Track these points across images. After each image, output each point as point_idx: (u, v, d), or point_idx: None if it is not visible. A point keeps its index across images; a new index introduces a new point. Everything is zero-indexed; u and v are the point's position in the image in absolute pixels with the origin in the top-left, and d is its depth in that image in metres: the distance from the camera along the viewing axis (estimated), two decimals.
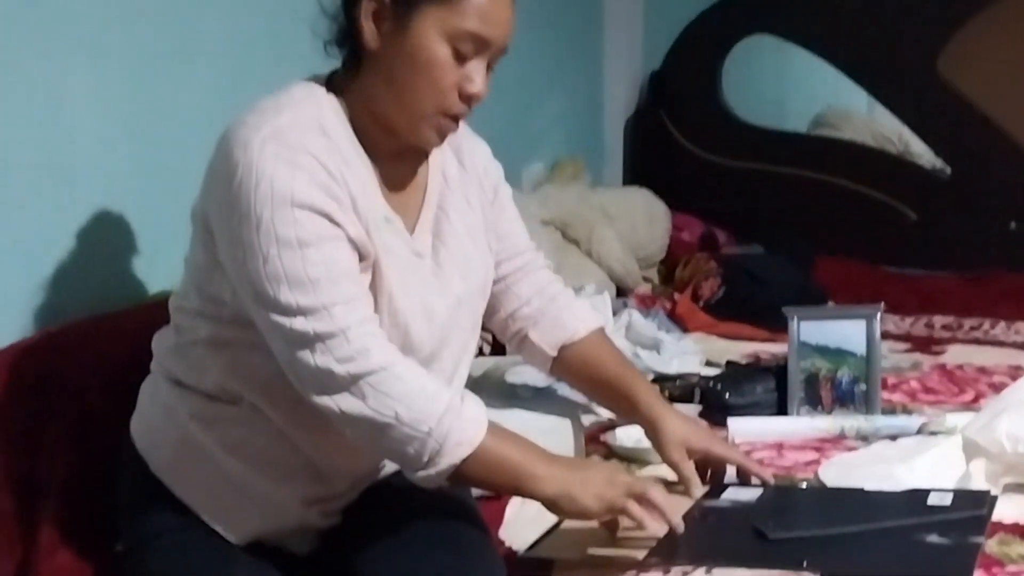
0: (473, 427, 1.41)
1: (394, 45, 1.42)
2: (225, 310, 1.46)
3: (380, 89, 1.45)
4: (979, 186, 3.57)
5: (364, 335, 1.38)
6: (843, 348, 2.13)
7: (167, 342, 1.56)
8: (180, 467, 1.52)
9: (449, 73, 1.42)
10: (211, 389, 1.50)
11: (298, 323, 1.36)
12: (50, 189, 1.93)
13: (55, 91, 1.93)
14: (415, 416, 1.38)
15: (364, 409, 1.38)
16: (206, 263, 1.46)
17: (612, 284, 3.16)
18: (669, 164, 3.92)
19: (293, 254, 1.35)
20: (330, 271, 1.38)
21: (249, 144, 1.37)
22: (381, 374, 1.38)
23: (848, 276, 3.30)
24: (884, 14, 3.62)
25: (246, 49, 2.37)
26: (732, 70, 3.92)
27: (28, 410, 1.68)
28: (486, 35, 1.42)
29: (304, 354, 1.37)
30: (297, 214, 1.36)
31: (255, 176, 1.35)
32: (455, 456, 1.39)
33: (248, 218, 1.35)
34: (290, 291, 1.36)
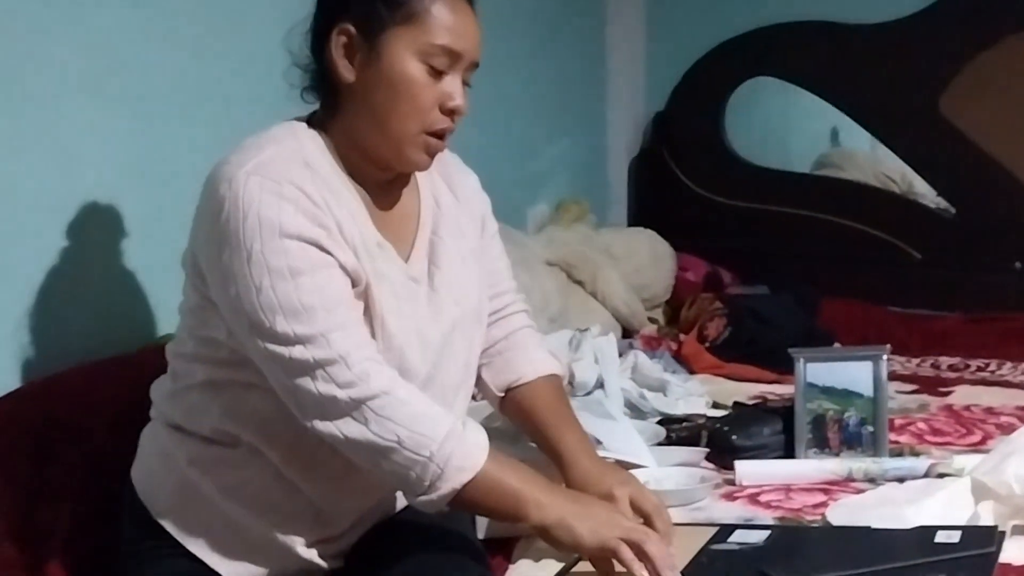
0: (475, 452, 1.41)
1: (369, 73, 1.45)
2: (220, 351, 1.47)
3: (362, 120, 1.47)
4: (983, 226, 3.57)
5: (363, 360, 1.39)
6: (850, 389, 2.12)
7: (164, 388, 1.57)
8: (180, 512, 1.51)
9: (427, 90, 1.45)
10: (209, 433, 1.50)
11: (297, 352, 1.37)
12: (52, 234, 1.94)
13: (57, 136, 1.95)
14: (417, 440, 1.38)
15: (367, 433, 1.38)
16: (199, 305, 1.47)
17: (617, 325, 3.15)
18: (673, 205, 3.92)
19: (286, 284, 1.37)
20: (324, 298, 1.39)
21: (234, 179, 1.39)
22: (384, 398, 1.39)
23: (853, 317, 3.29)
24: (886, 55, 3.63)
25: (249, 93, 2.38)
26: (735, 111, 3.93)
27: (29, 456, 1.67)
28: (457, 47, 1.46)
29: (304, 382, 1.38)
30: (287, 244, 1.37)
31: (242, 210, 1.37)
32: (456, 481, 1.39)
33: (239, 251, 1.37)
34: (286, 321, 1.37)
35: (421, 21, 1.44)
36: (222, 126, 2.31)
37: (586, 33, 3.79)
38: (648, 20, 3.99)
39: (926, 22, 3.57)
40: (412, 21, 1.44)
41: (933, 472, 1.99)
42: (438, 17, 1.45)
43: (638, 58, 4.00)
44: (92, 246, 2.00)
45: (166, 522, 1.51)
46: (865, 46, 3.66)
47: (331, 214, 1.43)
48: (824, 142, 4.36)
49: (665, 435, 2.25)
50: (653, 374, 2.59)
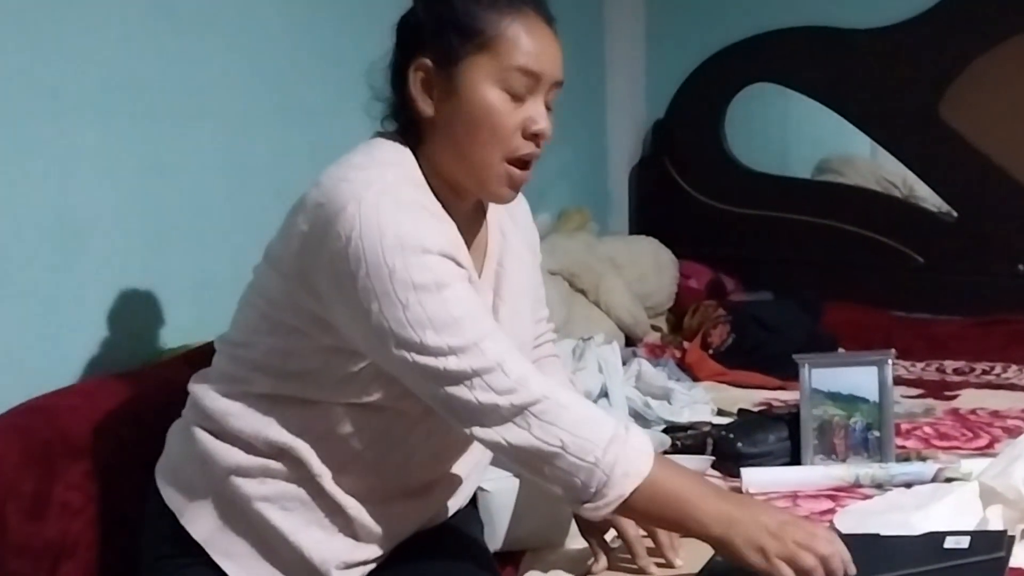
0: (640, 458, 1.39)
1: (449, 106, 1.44)
2: (290, 363, 1.45)
3: (445, 152, 1.46)
4: (985, 229, 3.57)
5: (519, 365, 1.38)
6: (855, 395, 2.11)
7: (210, 393, 1.52)
8: (212, 521, 1.49)
9: (508, 116, 1.44)
10: (257, 443, 1.47)
11: (451, 363, 1.35)
12: (59, 251, 1.94)
13: (63, 153, 1.94)
14: (581, 445, 1.36)
15: (530, 439, 1.36)
16: (280, 318, 1.45)
17: (621, 333, 3.15)
18: (675, 212, 3.92)
19: (433, 297, 1.35)
20: (470, 308, 1.38)
21: (364, 200, 1.36)
22: (545, 402, 1.37)
23: (857, 322, 3.29)
24: (885, 60, 3.64)
25: (252, 110, 2.39)
26: (735, 118, 3.94)
27: (36, 471, 1.67)
28: (535, 68, 1.44)
29: (461, 391, 1.36)
30: (428, 259, 1.36)
31: (378, 228, 1.34)
32: (623, 488, 1.37)
33: (379, 269, 1.34)
34: (437, 334, 1.35)
35: (496, 46, 1.42)
36: (226, 142, 2.31)
37: (585, 41, 3.79)
38: (647, 28, 4.00)
39: (925, 26, 3.58)
40: (487, 47, 1.42)
41: (940, 477, 1.98)
42: (513, 40, 1.43)
43: (638, 66, 4.00)
44: (96, 263, 2.00)
45: (195, 529, 1.49)
46: (864, 51, 3.67)
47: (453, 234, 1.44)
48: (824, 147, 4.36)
49: (670, 443, 2.24)
50: (657, 382, 2.58)
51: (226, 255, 2.26)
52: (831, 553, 1.37)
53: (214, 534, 1.48)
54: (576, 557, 1.71)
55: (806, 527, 1.40)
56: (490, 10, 1.43)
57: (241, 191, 2.34)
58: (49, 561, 1.64)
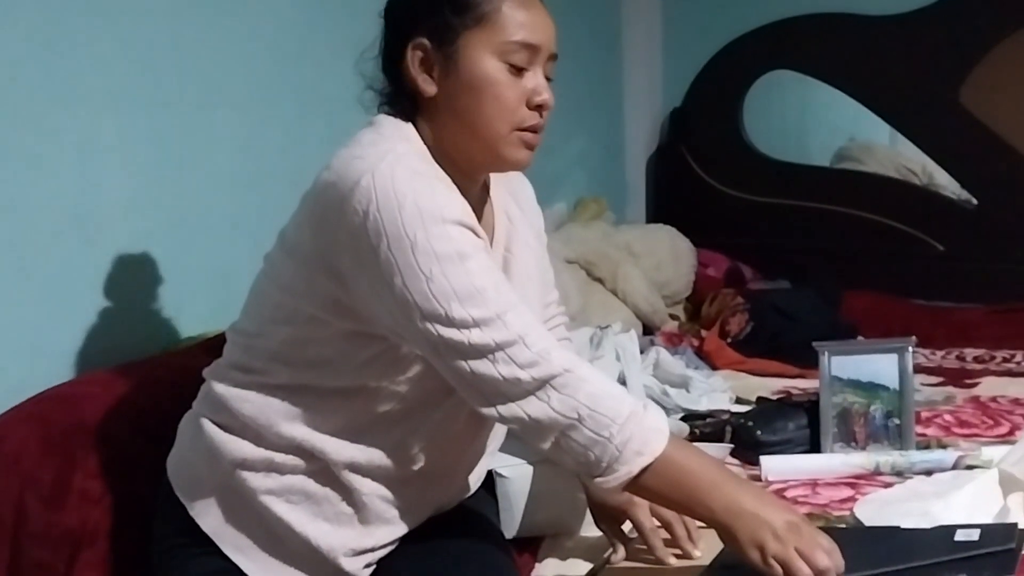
0: (654, 437, 1.38)
1: (450, 83, 1.44)
2: (308, 350, 1.45)
3: (451, 130, 1.46)
4: (1006, 216, 3.54)
5: (541, 338, 1.38)
6: (875, 382, 2.10)
7: (220, 384, 1.52)
8: (220, 513, 1.49)
9: (510, 88, 1.44)
10: (268, 435, 1.47)
11: (475, 336, 1.34)
12: (77, 239, 1.94)
13: (81, 142, 1.95)
14: (598, 420, 1.36)
15: (549, 411, 1.36)
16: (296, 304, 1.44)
17: (638, 322, 3.14)
18: (692, 200, 3.91)
19: (456, 268, 1.34)
20: (494, 279, 1.38)
21: (377, 171, 1.35)
22: (566, 376, 1.36)
23: (877, 309, 3.27)
24: (905, 46, 3.61)
25: (269, 97, 2.39)
26: (753, 105, 3.92)
27: (57, 459, 1.68)
28: (534, 41, 1.44)
29: (484, 365, 1.35)
30: (449, 229, 1.35)
31: (396, 199, 1.33)
32: (634, 465, 1.37)
33: (400, 241, 1.33)
34: (461, 306, 1.34)
35: (493, 21, 1.43)
36: (244, 131, 2.31)
37: (602, 30, 3.78)
38: (664, 16, 3.98)
39: (945, 12, 3.55)
40: (484, 22, 1.43)
41: (961, 464, 1.97)
42: (509, 14, 1.43)
43: (655, 54, 3.98)
44: (115, 252, 2.01)
45: (204, 522, 1.50)
46: (884, 37, 3.64)
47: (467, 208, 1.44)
48: (843, 135, 4.34)
49: (689, 431, 2.24)
50: (675, 370, 2.58)
51: (244, 243, 2.26)
52: (827, 568, 1.34)
53: (222, 527, 1.49)
54: (593, 546, 1.71)
55: (811, 535, 1.37)
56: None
57: (259, 179, 2.35)
58: (68, 549, 1.64)
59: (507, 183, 1.61)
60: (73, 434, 1.69)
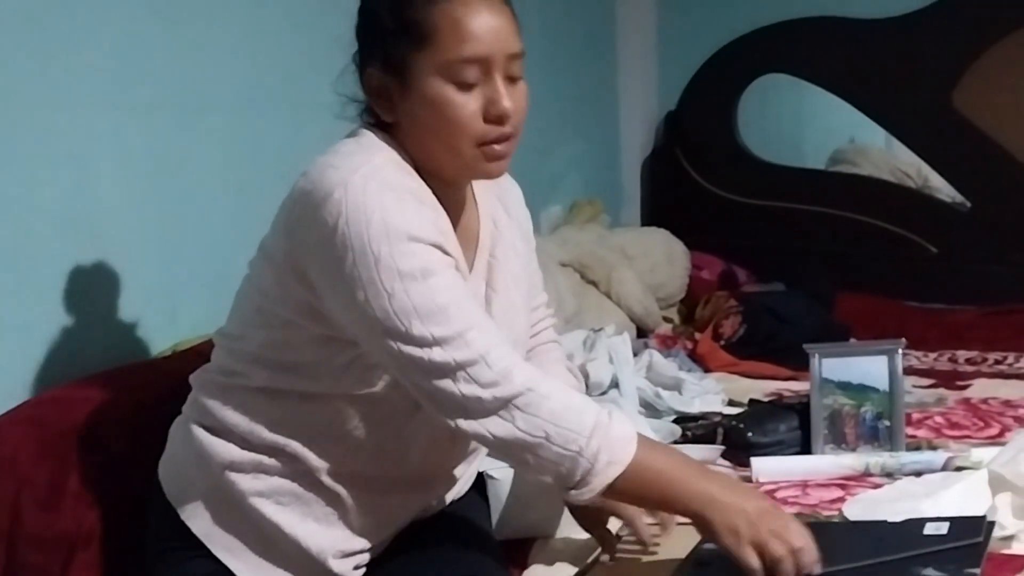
0: (622, 445, 1.39)
1: (406, 106, 1.43)
2: (286, 354, 1.45)
3: (419, 146, 1.45)
4: (999, 219, 3.56)
5: (502, 357, 1.37)
6: (866, 384, 2.11)
7: (208, 388, 1.53)
8: (210, 516, 1.50)
9: (463, 106, 1.40)
10: (252, 438, 1.48)
11: (436, 354, 1.34)
12: (71, 242, 1.95)
13: (76, 146, 1.96)
14: (565, 435, 1.36)
15: (514, 431, 1.36)
16: (274, 308, 1.44)
17: (632, 325, 3.15)
18: (687, 203, 3.92)
19: (419, 285, 1.34)
20: (456, 297, 1.38)
21: (349, 184, 1.35)
22: (528, 395, 1.37)
23: (870, 312, 3.28)
24: (898, 49, 3.62)
25: (264, 102, 2.40)
26: (748, 109, 3.93)
27: (52, 462, 1.69)
28: (479, 54, 1.40)
29: (446, 384, 1.35)
30: (414, 247, 1.35)
31: (364, 214, 1.33)
32: (607, 475, 1.38)
33: (365, 256, 1.33)
34: (422, 323, 1.34)
35: (434, 39, 1.39)
36: (238, 135, 2.33)
37: (597, 33, 3.79)
38: (659, 19, 3.99)
39: (938, 15, 3.56)
40: (425, 43, 1.39)
41: (951, 465, 1.98)
42: (450, 29, 1.38)
43: (649, 57, 4.00)
44: (110, 256, 2.02)
45: (194, 524, 1.50)
46: (877, 41, 3.65)
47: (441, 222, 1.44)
48: (838, 138, 4.35)
49: (681, 433, 2.25)
50: (668, 373, 2.59)
51: (238, 247, 2.26)
52: (802, 546, 1.37)
53: (213, 529, 1.50)
54: (580, 548, 1.72)
55: (783, 517, 1.40)
56: (420, 2, 1.40)
57: (254, 183, 2.35)
58: (63, 552, 1.65)
59: (495, 187, 1.60)
60: (68, 437, 1.70)
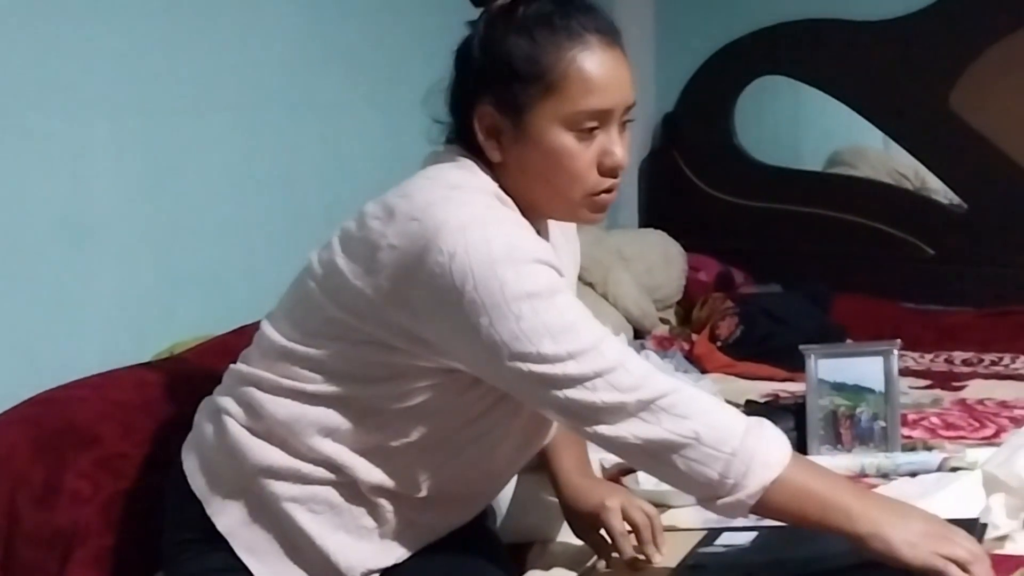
0: (777, 449, 1.35)
1: (518, 150, 1.42)
2: (357, 368, 1.43)
3: (522, 187, 1.44)
4: (996, 220, 3.56)
5: (640, 364, 1.37)
6: (861, 385, 2.11)
7: (251, 383, 1.50)
8: (237, 514, 1.48)
9: (580, 157, 1.41)
10: (296, 442, 1.45)
11: (571, 368, 1.33)
12: (69, 243, 1.96)
13: (73, 147, 1.97)
14: (717, 435, 1.33)
15: (660, 432, 1.33)
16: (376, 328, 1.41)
17: (629, 326, 3.16)
18: (684, 205, 3.92)
19: (547, 305, 1.33)
20: (582, 313, 1.37)
21: (464, 214, 1.34)
22: (673, 396, 1.34)
23: (866, 313, 3.28)
24: (895, 51, 3.63)
25: (262, 104, 2.41)
26: (745, 110, 3.93)
27: (48, 460, 1.70)
28: (602, 107, 1.40)
29: (583, 393, 1.33)
30: (538, 268, 1.35)
31: (485, 241, 1.32)
32: (764, 478, 1.33)
33: (489, 283, 1.31)
34: (554, 341, 1.32)
35: (561, 88, 1.38)
36: (236, 137, 2.33)
37: None
38: (656, 20, 4.00)
39: (934, 17, 3.56)
40: (552, 91, 1.38)
41: (946, 466, 1.98)
42: (578, 79, 1.38)
43: (647, 59, 4.00)
44: (107, 257, 2.03)
45: (219, 520, 1.48)
46: (873, 42, 3.65)
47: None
48: (836, 140, 4.36)
49: None
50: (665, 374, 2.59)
51: (236, 249, 2.28)
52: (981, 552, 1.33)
53: (239, 528, 1.48)
54: (577, 553, 1.72)
55: (950, 528, 1.36)
56: (550, 47, 1.39)
57: (251, 185, 2.36)
58: (60, 549, 1.66)
59: None
60: (64, 436, 1.71)
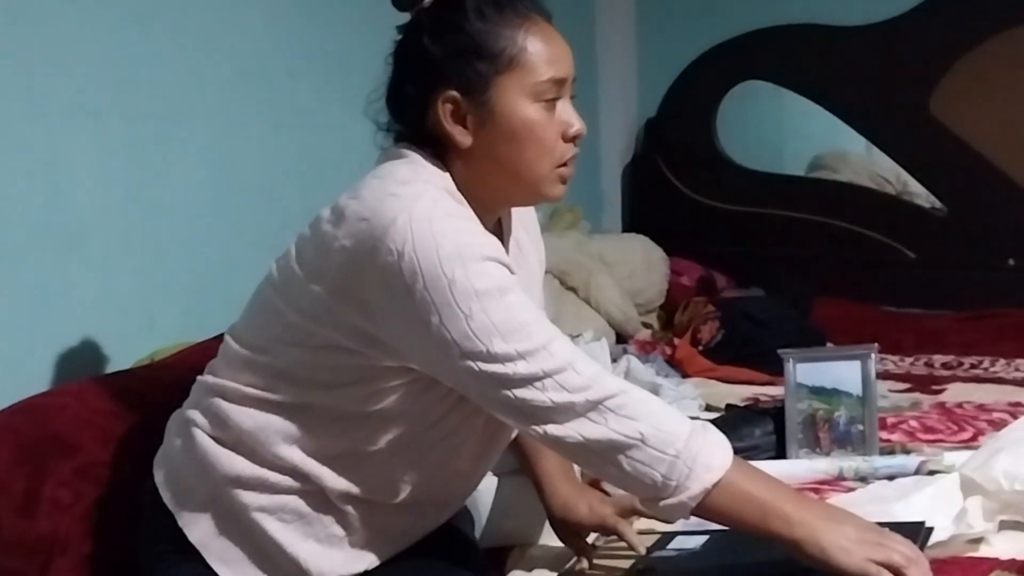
0: (721, 452, 1.37)
1: (486, 131, 1.43)
2: (320, 373, 1.43)
3: (487, 173, 1.45)
4: (976, 224, 3.59)
5: (590, 364, 1.37)
6: (839, 389, 2.12)
7: (216, 394, 1.50)
8: (209, 525, 1.49)
9: (548, 127, 1.44)
10: (263, 451, 1.46)
11: (521, 367, 1.34)
12: (51, 251, 1.96)
13: (53, 154, 1.97)
14: (662, 437, 1.34)
15: (607, 432, 1.34)
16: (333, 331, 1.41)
17: (612, 331, 3.17)
18: (667, 210, 3.94)
19: (497, 303, 1.34)
20: (533, 312, 1.38)
21: (414, 210, 1.34)
22: (622, 396, 1.36)
23: (847, 317, 3.30)
24: (874, 56, 3.65)
25: (242, 111, 2.41)
26: (727, 115, 3.95)
27: (28, 468, 1.69)
28: (560, 75, 1.45)
29: (531, 392, 1.34)
30: (488, 266, 1.35)
31: (434, 238, 1.33)
32: (705, 481, 1.35)
33: (438, 280, 1.32)
34: (504, 341, 1.33)
35: (523, 62, 1.42)
36: (216, 144, 2.34)
37: (576, 40, 3.77)
38: (638, 26, 4.02)
39: (914, 22, 3.59)
40: (513, 66, 1.42)
41: (923, 469, 1.99)
42: (536, 52, 1.43)
43: (629, 64, 4.02)
44: (87, 264, 2.02)
45: (191, 532, 1.49)
46: (853, 48, 3.68)
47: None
48: (818, 144, 4.38)
49: None
50: (646, 378, 2.60)
51: (216, 256, 2.29)
52: (917, 556, 1.35)
53: (210, 539, 1.48)
54: (558, 555, 1.73)
55: (885, 533, 1.38)
56: (502, 26, 1.43)
57: (231, 192, 2.37)
58: (41, 557, 1.65)
59: (518, 210, 1.61)
60: (44, 444, 1.70)
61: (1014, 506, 1.72)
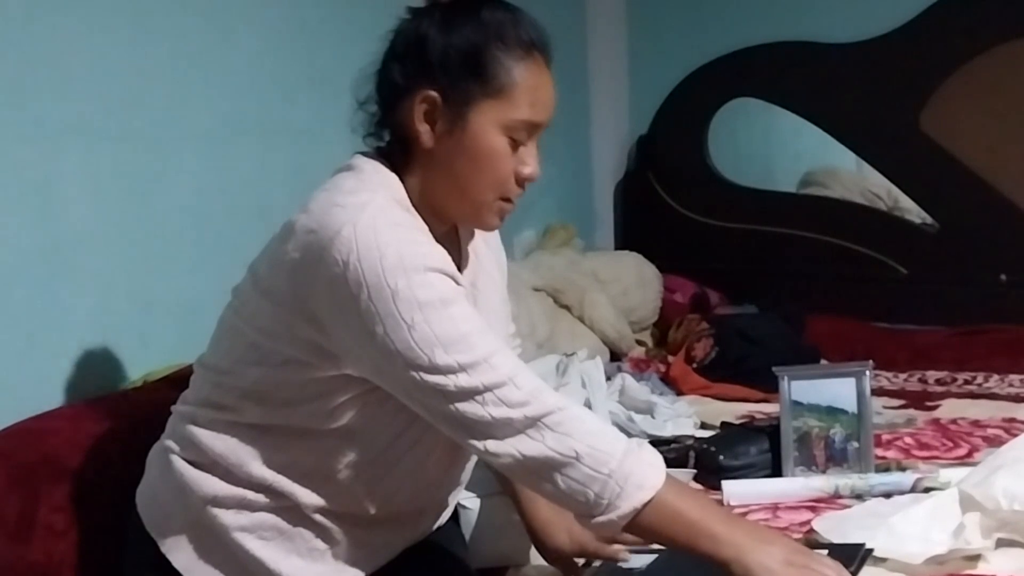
0: (653, 472, 1.39)
1: (450, 141, 1.45)
2: (282, 392, 1.44)
3: (438, 181, 1.47)
4: (968, 240, 3.59)
5: (530, 379, 1.38)
6: (834, 406, 2.13)
7: (190, 419, 1.52)
8: (192, 549, 1.49)
9: (507, 162, 1.46)
10: (240, 473, 1.47)
11: (462, 380, 1.35)
12: (44, 272, 1.95)
13: (45, 175, 1.96)
14: (596, 456, 1.36)
15: (544, 449, 1.36)
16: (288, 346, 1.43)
17: (605, 349, 3.17)
18: (660, 227, 3.95)
19: (439, 315, 1.35)
20: (476, 324, 1.38)
21: (359, 221, 1.35)
22: (559, 414, 1.37)
23: (840, 333, 3.30)
24: (865, 73, 3.67)
25: (234, 130, 2.40)
26: (718, 132, 3.96)
27: (22, 493, 1.68)
28: (538, 120, 1.47)
29: (471, 407, 1.35)
30: (431, 277, 1.36)
31: (378, 249, 1.34)
32: (636, 500, 1.36)
33: (381, 290, 1.33)
34: (446, 352, 1.34)
35: (508, 95, 1.43)
36: (208, 163, 2.33)
37: (568, 59, 3.82)
38: (630, 45, 4.03)
39: (904, 40, 3.61)
40: (500, 95, 1.43)
41: (919, 487, 1.99)
42: (524, 91, 1.44)
43: (621, 82, 4.03)
44: (80, 285, 2.01)
45: (175, 557, 1.49)
46: (845, 65, 3.69)
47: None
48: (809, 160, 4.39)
49: None
50: (640, 396, 2.60)
51: (210, 276, 2.27)
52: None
53: (194, 564, 1.49)
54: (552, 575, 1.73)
55: (811, 554, 1.41)
56: (505, 53, 1.44)
57: (224, 211, 2.36)
58: None
59: None
60: (38, 469, 1.70)
61: (1012, 525, 1.72)
